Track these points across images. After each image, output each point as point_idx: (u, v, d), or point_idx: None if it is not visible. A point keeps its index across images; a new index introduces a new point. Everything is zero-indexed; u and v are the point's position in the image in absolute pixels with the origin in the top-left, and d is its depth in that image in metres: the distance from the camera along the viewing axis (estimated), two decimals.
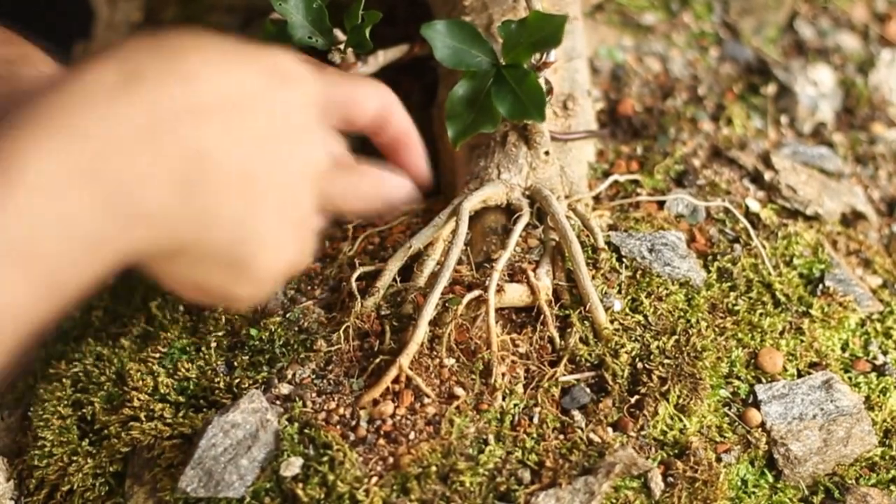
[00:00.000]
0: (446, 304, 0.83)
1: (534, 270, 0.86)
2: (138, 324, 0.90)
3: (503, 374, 0.81)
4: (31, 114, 0.46)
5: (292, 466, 0.77)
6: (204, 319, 0.88)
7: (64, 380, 0.87)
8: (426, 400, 0.80)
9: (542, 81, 0.85)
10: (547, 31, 0.81)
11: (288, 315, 0.86)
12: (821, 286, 0.92)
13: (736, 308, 0.88)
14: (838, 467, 0.82)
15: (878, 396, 0.86)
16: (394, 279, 0.86)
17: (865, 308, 0.92)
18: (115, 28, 1.34)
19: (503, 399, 0.80)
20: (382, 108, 0.68)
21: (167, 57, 0.49)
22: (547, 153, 0.91)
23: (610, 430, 0.80)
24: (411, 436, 0.78)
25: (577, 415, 0.81)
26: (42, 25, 0.82)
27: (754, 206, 0.98)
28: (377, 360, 0.81)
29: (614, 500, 0.76)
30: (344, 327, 0.83)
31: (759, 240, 0.93)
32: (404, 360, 0.80)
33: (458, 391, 0.80)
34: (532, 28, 0.81)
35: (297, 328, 0.85)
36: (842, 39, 1.24)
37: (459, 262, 0.87)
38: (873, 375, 0.88)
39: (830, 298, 0.91)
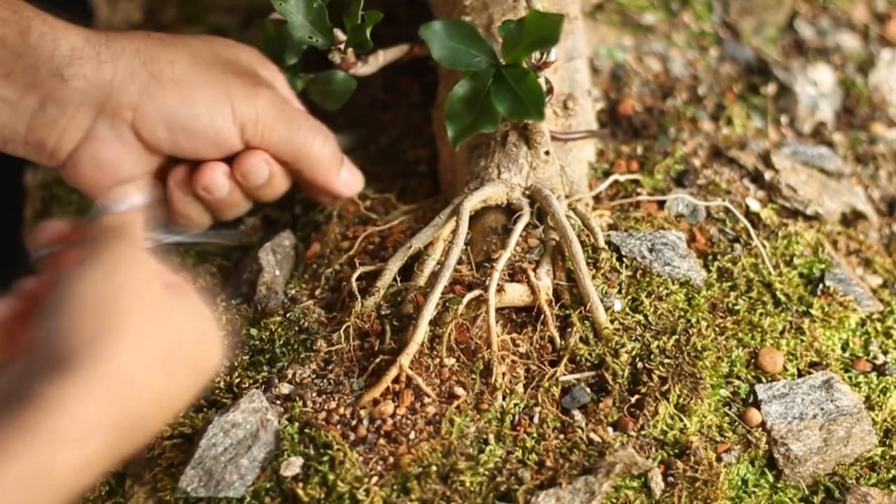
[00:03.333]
0: (447, 304, 0.83)
1: (534, 270, 0.86)
2: None
3: (503, 374, 0.81)
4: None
5: (292, 466, 0.77)
6: None
7: None
8: (426, 399, 0.80)
9: (542, 81, 0.85)
10: (545, 29, 0.81)
11: (288, 315, 0.86)
12: (821, 286, 0.92)
13: (736, 308, 0.88)
14: (839, 467, 0.82)
15: (879, 396, 0.86)
16: (394, 279, 0.86)
17: (865, 308, 0.92)
18: (114, 28, 1.34)
19: (503, 399, 0.80)
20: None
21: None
22: (547, 153, 0.91)
23: (610, 429, 0.80)
24: (411, 435, 0.78)
25: (578, 414, 0.81)
26: None
27: (754, 205, 0.98)
28: (377, 360, 0.81)
29: (614, 500, 0.76)
30: (344, 327, 0.83)
31: (759, 239, 0.93)
32: (404, 359, 0.80)
33: (459, 391, 0.80)
34: (530, 27, 0.81)
35: (297, 328, 0.85)
36: (842, 39, 1.24)
37: (460, 261, 0.87)
38: (873, 375, 0.88)
39: (831, 298, 0.91)
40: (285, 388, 0.81)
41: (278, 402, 0.80)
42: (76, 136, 0.77)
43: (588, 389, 0.82)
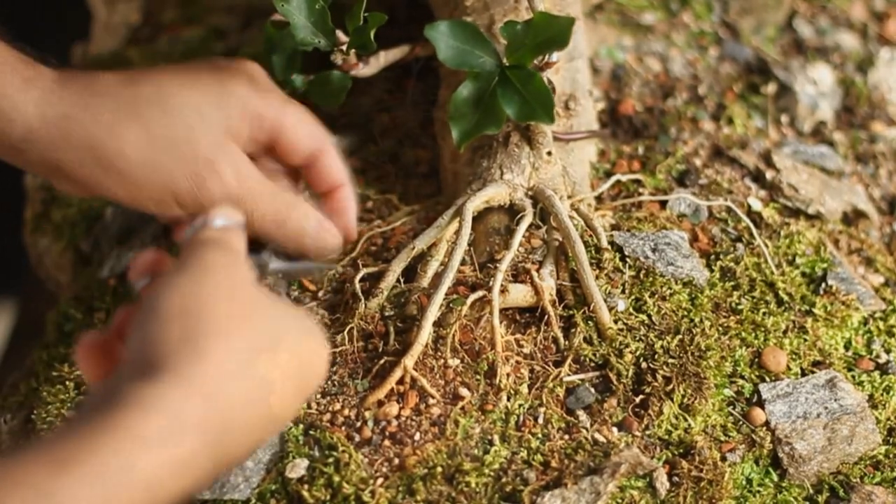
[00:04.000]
0: (450, 305, 0.83)
1: (537, 271, 0.86)
2: None
3: (508, 375, 0.81)
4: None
5: (298, 468, 0.77)
6: None
7: (67, 382, 0.87)
8: (431, 401, 0.80)
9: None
10: (553, 32, 0.81)
11: None
12: (823, 285, 0.92)
13: (739, 307, 0.89)
14: (843, 466, 0.82)
15: (882, 395, 0.86)
16: (397, 280, 0.86)
17: (868, 306, 0.92)
18: (112, 29, 1.34)
19: (508, 399, 0.80)
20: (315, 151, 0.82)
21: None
22: (549, 153, 0.91)
23: (615, 429, 0.80)
24: (416, 437, 0.78)
25: (582, 415, 0.81)
26: (40, 26, 0.82)
27: (756, 205, 0.98)
28: (381, 362, 0.81)
29: (620, 500, 0.76)
30: (348, 328, 0.83)
31: (761, 239, 0.93)
32: (409, 361, 0.80)
33: (463, 392, 0.80)
34: (538, 29, 0.81)
35: None
36: (841, 38, 1.24)
37: (463, 262, 0.87)
38: (876, 374, 0.88)
39: (833, 297, 0.91)
40: None
41: None
42: (40, 176, 0.82)
43: (592, 390, 0.82)
